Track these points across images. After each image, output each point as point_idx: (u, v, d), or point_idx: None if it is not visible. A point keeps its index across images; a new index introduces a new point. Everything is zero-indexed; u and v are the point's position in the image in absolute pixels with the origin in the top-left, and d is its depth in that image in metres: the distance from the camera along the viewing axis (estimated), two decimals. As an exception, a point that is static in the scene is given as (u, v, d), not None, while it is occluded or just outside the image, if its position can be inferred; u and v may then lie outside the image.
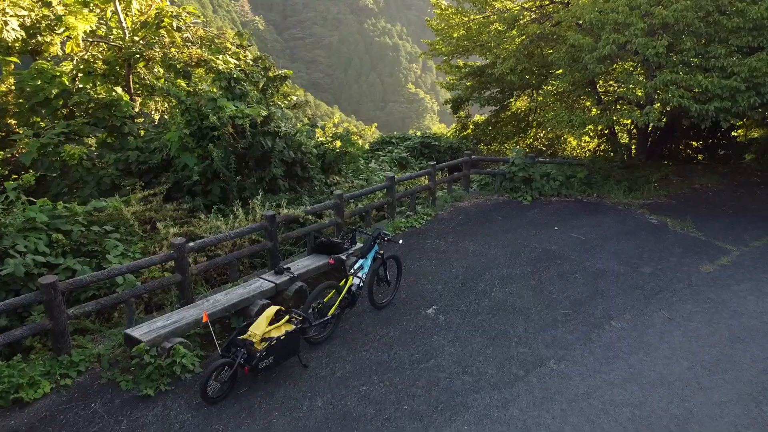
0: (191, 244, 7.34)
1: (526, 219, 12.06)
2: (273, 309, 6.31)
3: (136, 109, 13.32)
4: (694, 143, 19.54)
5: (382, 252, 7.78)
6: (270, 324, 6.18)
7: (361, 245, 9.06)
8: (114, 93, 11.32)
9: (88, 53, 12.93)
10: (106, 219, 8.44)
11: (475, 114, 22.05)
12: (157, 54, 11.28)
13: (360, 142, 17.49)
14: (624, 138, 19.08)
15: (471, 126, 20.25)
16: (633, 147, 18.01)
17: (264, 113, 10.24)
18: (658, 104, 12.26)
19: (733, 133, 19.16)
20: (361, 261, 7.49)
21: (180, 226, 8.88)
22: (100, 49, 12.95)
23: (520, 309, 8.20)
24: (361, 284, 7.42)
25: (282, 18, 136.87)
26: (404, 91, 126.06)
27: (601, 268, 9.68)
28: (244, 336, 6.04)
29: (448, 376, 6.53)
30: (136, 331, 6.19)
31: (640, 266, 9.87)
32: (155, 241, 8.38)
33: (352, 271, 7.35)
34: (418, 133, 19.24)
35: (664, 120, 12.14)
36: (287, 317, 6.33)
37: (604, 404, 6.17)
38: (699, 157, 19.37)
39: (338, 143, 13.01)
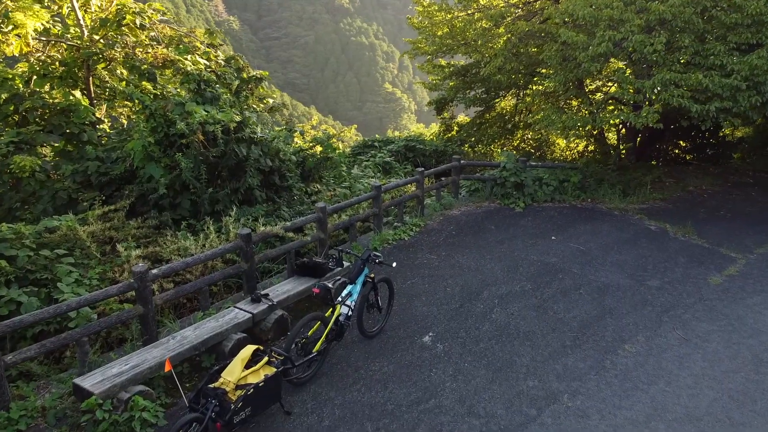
0: (154, 271, 6.41)
1: (521, 228, 11.34)
2: (249, 349, 5.43)
3: (102, 115, 12.28)
4: (682, 143, 19.13)
5: (372, 275, 6.94)
6: (246, 367, 5.31)
7: (349, 264, 8.24)
8: (72, 97, 10.27)
9: (45, 54, 11.85)
10: (59, 240, 7.46)
11: (459, 114, 21.36)
12: (118, 54, 10.25)
13: (340, 145, 16.63)
14: (612, 139, 18.55)
15: (455, 127, 19.51)
16: (622, 148, 17.47)
17: (238, 118, 9.32)
18: (657, 105, 11.62)
19: (721, 132, 18.77)
20: (349, 287, 6.62)
21: (144, 246, 7.94)
22: (59, 49, 11.87)
23: (525, 333, 7.44)
24: (350, 313, 6.57)
25: (257, 18, 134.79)
26: (381, 90, 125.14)
27: (605, 283, 9.00)
28: (216, 384, 5.15)
29: (451, 419, 5.73)
30: (87, 381, 5.25)
31: (646, 279, 9.22)
32: (115, 265, 7.43)
33: (339, 299, 6.49)
34: (402, 135, 18.43)
35: (652, 122, 11.50)
36: (266, 358, 5.45)
37: (630, 449, 5.43)
38: (688, 157, 18.96)
39: (318, 148, 12.14)
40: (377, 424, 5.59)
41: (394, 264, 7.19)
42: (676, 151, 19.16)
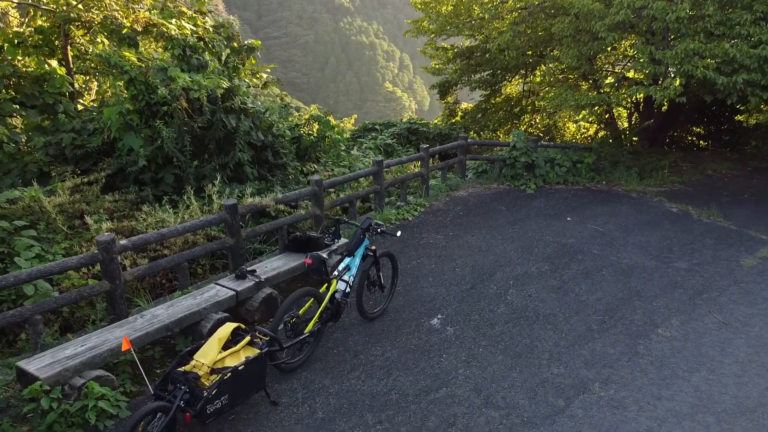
0: (123, 242, 5.58)
1: (534, 209, 10.50)
2: (228, 327, 4.60)
3: (91, 98, 11.46)
4: (696, 129, 18.34)
5: (374, 248, 6.09)
6: (224, 348, 4.48)
7: (347, 241, 7.41)
8: (47, 66, 9.45)
9: (24, 26, 11.03)
10: (21, 213, 6.63)
11: (463, 102, 20.54)
12: (96, 17, 9.42)
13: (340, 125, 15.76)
14: (623, 125, 17.73)
15: (460, 113, 18.67)
16: (635, 132, 16.65)
17: (225, 84, 8.50)
18: (678, 80, 10.78)
19: (737, 118, 17.98)
20: (347, 260, 5.78)
21: (119, 220, 7.11)
22: (42, 19, 11.01)
23: (545, 316, 6.61)
24: (348, 290, 5.73)
25: (257, 17, 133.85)
26: (381, 90, 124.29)
27: (629, 264, 8.18)
28: (187, 367, 4.32)
29: (466, 410, 4.90)
30: (33, 364, 4.41)
31: (673, 261, 8.41)
32: (83, 240, 6.60)
33: (336, 273, 5.65)
34: (404, 119, 17.56)
35: (675, 95, 10.65)
36: (248, 338, 4.62)
37: (678, 445, 4.61)
38: (702, 144, 18.17)
39: (316, 126, 11.30)
40: (379, 416, 4.76)
41: (399, 233, 6.34)
42: (690, 138, 18.36)
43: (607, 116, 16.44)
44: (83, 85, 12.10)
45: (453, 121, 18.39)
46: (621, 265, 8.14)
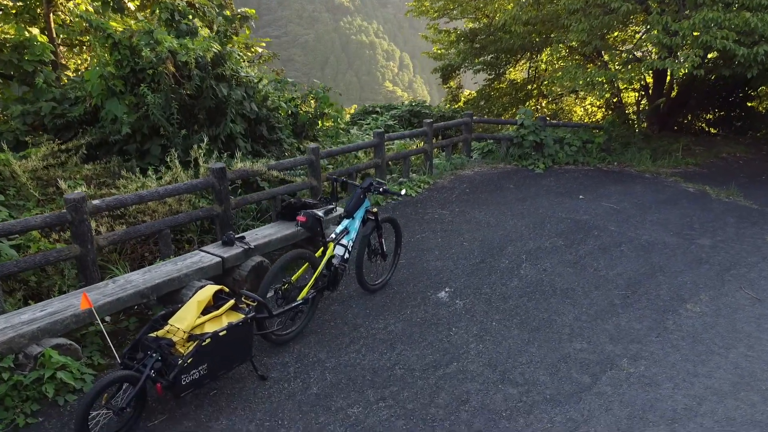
0: (96, 202, 5.00)
1: (543, 187, 9.94)
2: (210, 290, 4.02)
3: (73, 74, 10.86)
4: (707, 115, 17.78)
5: (375, 210, 5.50)
6: (204, 313, 3.90)
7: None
8: (27, 33, 8.87)
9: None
10: (-10, 178, 6.07)
11: (466, 90, 19.97)
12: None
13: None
14: (632, 108, 17.16)
15: (463, 98, 18.09)
16: (644, 117, 16.10)
17: (216, 48, 7.91)
18: (694, 55, 10.19)
19: (750, 104, 17.42)
20: (346, 222, 5.19)
21: (98, 188, 6.53)
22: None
23: (563, 290, 6.04)
24: (347, 255, 5.14)
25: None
26: (382, 89, 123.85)
27: (649, 240, 7.61)
28: (160, 332, 3.74)
29: (480, 386, 4.32)
30: (-18, 329, 3.84)
31: (695, 238, 7.84)
32: (57, 207, 6.02)
33: (333, 236, 5.06)
34: (406, 102, 16.97)
35: (692, 67, 10.08)
36: (232, 302, 4.04)
37: (723, 427, 4.02)
38: (712, 130, 17.62)
39: (313, 103, 10.71)
40: (382, 392, 4.18)
41: (404, 191, 5.76)
42: (700, 123, 17.81)
43: (615, 100, 15.88)
44: (74, 69, 11.55)
45: (456, 107, 17.81)
46: (640, 241, 7.57)
